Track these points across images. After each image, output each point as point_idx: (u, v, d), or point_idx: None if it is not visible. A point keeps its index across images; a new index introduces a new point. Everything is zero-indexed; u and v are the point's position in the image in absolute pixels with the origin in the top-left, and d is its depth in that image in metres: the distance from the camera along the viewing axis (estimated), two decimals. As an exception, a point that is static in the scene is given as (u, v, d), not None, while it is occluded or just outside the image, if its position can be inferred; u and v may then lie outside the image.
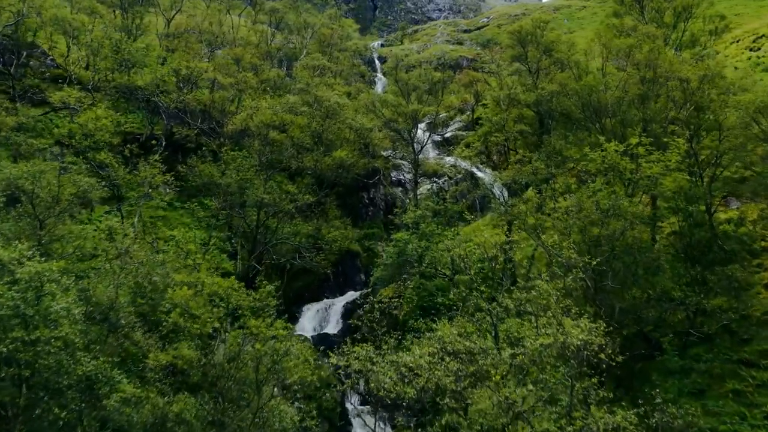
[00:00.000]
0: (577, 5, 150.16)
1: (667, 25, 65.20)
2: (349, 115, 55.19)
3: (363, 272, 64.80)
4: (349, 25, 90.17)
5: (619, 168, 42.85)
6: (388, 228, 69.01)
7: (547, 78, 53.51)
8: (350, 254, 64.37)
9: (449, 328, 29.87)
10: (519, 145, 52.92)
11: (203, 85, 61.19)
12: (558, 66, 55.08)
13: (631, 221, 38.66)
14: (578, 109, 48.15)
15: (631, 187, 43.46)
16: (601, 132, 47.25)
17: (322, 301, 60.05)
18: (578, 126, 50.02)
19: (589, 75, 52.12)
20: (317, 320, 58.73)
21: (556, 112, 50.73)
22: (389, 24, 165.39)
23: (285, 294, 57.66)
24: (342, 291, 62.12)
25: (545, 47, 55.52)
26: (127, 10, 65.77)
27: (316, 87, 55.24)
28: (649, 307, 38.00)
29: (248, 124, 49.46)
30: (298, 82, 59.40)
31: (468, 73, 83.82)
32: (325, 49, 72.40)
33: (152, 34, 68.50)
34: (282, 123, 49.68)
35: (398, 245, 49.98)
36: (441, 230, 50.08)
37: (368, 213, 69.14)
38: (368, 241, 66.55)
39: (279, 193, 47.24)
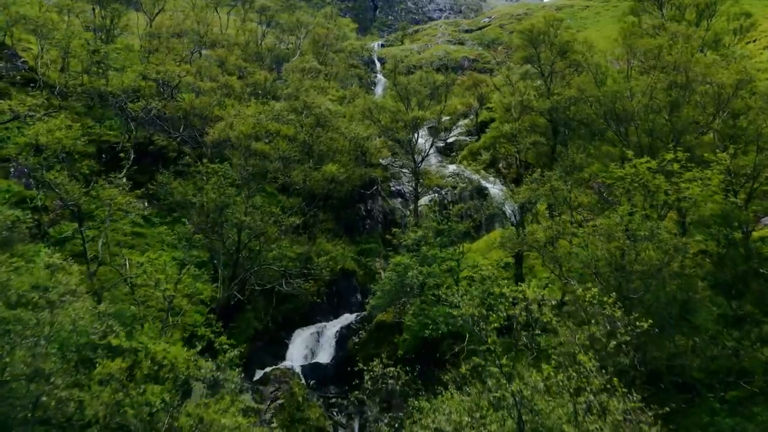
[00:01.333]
0: (579, 5, 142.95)
1: (688, 23, 58.09)
2: (343, 124, 48.11)
3: (359, 292, 57.78)
4: (346, 24, 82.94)
5: (651, 187, 35.82)
6: (386, 242, 62.10)
7: (563, 82, 46.40)
8: (345, 273, 57.31)
9: (457, 401, 22.99)
10: (530, 155, 45.78)
11: (187, 89, 54.09)
12: (574, 68, 47.99)
13: (671, 254, 31.64)
14: (600, 118, 41.09)
15: (664, 210, 36.47)
16: (626, 144, 40.22)
17: (314, 325, 53.08)
18: (599, 136, 42.96)
19: (609, 78, 45.01)
20: (309, 347, 51.82)
21: (574, 121, 43.64)
22: (390, 24, 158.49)
23: (273, 318, 50.83)
24: (336, 313, 55.09)
25: (559, 48, 48.35)
26: (105, 7, 58.60)
27: (306, 92, 48.14)
28: (693, 355, 31.01)
29: (228, 134, 42.43)
30: (287, 86, 52.28)
31: (471, 76, 76.69)
32: (320, 50, 65.34)
33: (133, 33, 61.36)
34: (267, 132, 42.71)
35: (397, 270, 43.04)
36: (444, 253, 43.12)
37: (365, 226, 62.07)
38: (365, 257, 59.53)
39: (262, 216, 40.11)
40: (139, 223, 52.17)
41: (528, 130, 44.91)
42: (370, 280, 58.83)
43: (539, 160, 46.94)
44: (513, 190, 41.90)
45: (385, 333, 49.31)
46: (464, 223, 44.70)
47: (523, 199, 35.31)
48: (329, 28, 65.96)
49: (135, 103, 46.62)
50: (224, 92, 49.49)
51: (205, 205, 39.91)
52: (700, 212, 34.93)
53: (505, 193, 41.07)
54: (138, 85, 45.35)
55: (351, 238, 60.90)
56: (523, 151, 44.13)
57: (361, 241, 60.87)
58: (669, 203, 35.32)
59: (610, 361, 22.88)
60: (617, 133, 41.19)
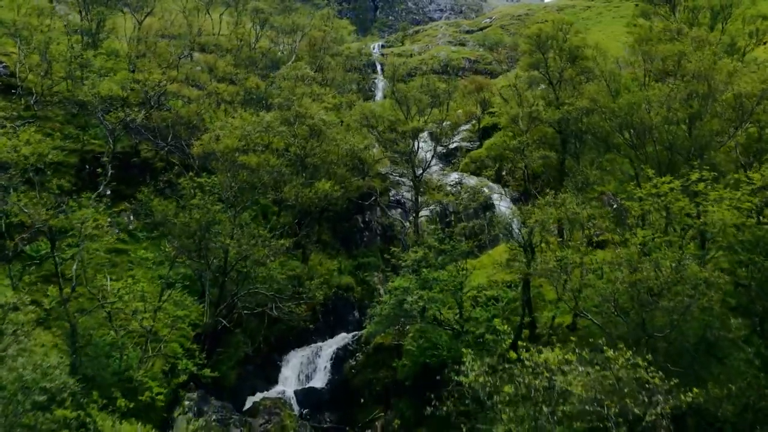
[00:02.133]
0: (581, 5, 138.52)
1: (702, 26, 54.14)
2: (338, 135, 44.11)
3: (357, 309, 53.86)
4: (344, 26, 78.61)
5: (673, 209, 31.96)
6: (385, 256, 58.13)
7: (574, 91, 42.38)
8: (342, 289, 53.37)
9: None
10: (537, 165, 41.78)
11: (175, 96, 50.04)
12: (584, 75, 44.00)
13: (702, 290, 27.76)
14: (615, 131, 37.17)
15: (686, 233, 32.56)
16: (644, 159, 36.33)
17: (309, 345, 49.18)
18: (613, 149, 39.03)
19: (621, 83, 41.07)
20: (303, 370, 47.94)
21: (588, 134, 39.69)
22: (390, 24, 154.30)
23: (265, 338, 46.89)
24: (332, 332, 51.16)
25: (569, 53, 44.33)
26: (89, 11, 54.60)
27: (298, 101, 44.11)
28: (727, 402, 27.14)
29: (213, 148, 38.49)
30: (278, 95, 48.20)
31: (473, 80, 72.69)
32: (316, 53, 61.29)
33: (120, 37, 57.31)
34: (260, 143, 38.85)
35: (396, 294, 39.18)
36: (446, 276, 39.23)
37: (363, 239, 58.12)
38: (363, 272, 55.55)
39: (248, 239, 36.16)
40: (123, 239, 48.37)
41: (536, 143, 40.94)
42: (368, 297, 54.93)
43: (548, 172, 43.04)
44: (522, 209, 37.97)
45: (384, 356, 45.45)
46: (467, 242, 40.81)
47: (535, 223, 31.32)
48: (326, 31, 61.87)
49: (111, 113, 42.52)
50: (213, 100, 45.48)
51: (187, 227, 36.01)
52: (728, 238, 30.98)
53: (513, 212, 37.06)
54: (118, 94, 41.26)
55: (348, 251, 56.97)
56: (530, 165, 40.09)
57: (358, 255, 56.91)
58: (694, 226, 31.45)
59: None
60: (633, 147, 37.25)
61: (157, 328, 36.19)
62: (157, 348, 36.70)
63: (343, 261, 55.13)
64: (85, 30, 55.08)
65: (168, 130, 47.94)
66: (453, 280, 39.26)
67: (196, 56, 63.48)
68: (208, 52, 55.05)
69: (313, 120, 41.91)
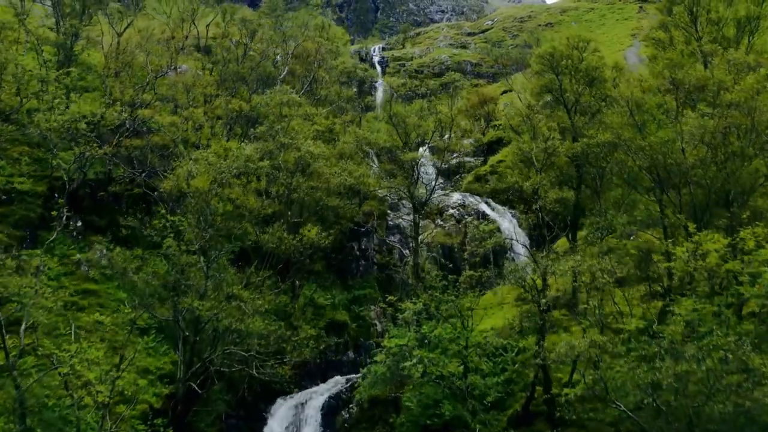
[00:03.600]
0: (584, 7, 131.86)
1: (727, 40, 47.94)
2: (327, 170, 37.98)
3: (352, 348, 48.00)
4: (340, 36, 72.06)
5: (719, 273, 26.05)
6: (383, 286, 52.21)
7: (593, 120, 36.20)
8: (335, 326, 47.44)
9: None
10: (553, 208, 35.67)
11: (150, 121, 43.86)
12: (604, 101, 37.85)
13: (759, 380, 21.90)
14: (643, 171, 31.18)
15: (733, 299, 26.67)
16: (679, 207, 30.34)
17: (298, 392, 43.20)
18: (639, 191, 32.99)
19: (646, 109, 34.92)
20: (291, 422, 42.07)
21: (612, 174, 33.61)
22: (391, 26, 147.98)
23: (250, 386, 40.88)
24: (324, 376, 45.14)
25: (586, 75, 38.19)
26: (61, 24, 48.54)
27: (284, 129, 37.96)
28: None
29: (182, 188, 32.55)
30: (261, 124, 41.99)
31: (477, 92, 66.54)
32: (309, 67, 55.16)
33: (97, 50, 51.18)
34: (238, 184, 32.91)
35: (393, 352, 33.31)
36: (449, 333, 33.38)
37: (359, 268, 52.06)
38: (359, 306, 49.60)
39: (219, 300, 30.26)
40: (93, 278, 42.41)
41: (552, 183, 34.88)
42: (364, 334, 49.06)
43: (564, 209, 37.02)
44: (535, 257, 31.96)
45: (380, 411, 39.65)
46: (471, 293, 34.90)
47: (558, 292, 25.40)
48: (320, 43, 55.70)
49: (70, 149, 36.53)
50: (190, 126, 39.39)
51: (148, 284, 30.18)
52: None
53: (529, 263, 31.04)
54: (81, 128, 35.14)
55: (343, 281, 51.00)
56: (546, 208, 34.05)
57: (354, 286, 50.93)
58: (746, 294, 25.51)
59: None
60: (662, 188, 31.24)
61: (116, 401, 30.33)
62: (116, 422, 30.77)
63: (338, 294, 49.17)
64: (60, 44, 49.06)
65: (146, 155, 42.03)
66: (457, 338, 33.48)
67: (183, 68, 57.45)
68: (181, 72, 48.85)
69: (299, 152, 35.89)
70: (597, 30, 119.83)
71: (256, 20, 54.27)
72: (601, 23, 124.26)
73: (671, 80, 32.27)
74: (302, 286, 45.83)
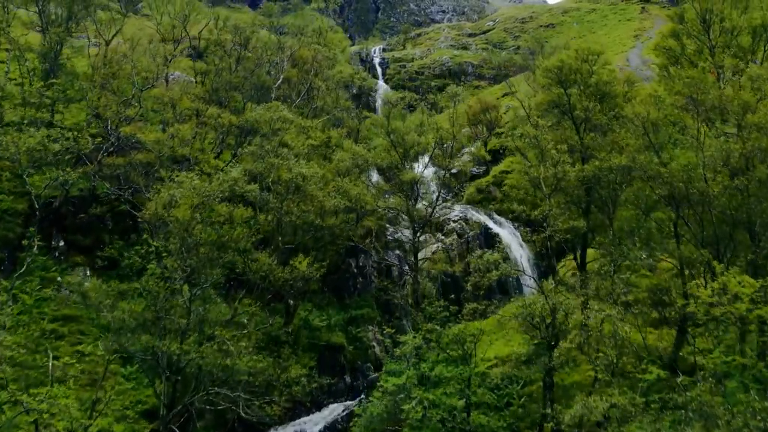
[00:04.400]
0: (586, 8, 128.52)
1: (743, 50, 44.85)
2: (319, 193, 34.89)
3: (349, 372, 45.01)
4: (337, 42, 68.49)
5: (749, 318, 23.11)
6: (381, 305, 49.19)
7: (605, 139, 33.14)
8: (331, 349, 44.47)
9: None
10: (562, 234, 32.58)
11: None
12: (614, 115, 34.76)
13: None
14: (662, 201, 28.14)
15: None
16: (701, 241, 27.32)
17: (291, 422, 40.22)
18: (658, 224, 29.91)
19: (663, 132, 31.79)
20: (285, 457, 39.20)
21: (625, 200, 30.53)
22: (392, 26, 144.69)
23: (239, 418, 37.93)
24: (319, 403, 42.31)
25: (596, 90, 35.13)
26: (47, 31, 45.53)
27: (275, 150, 34.85)
28: None
29: (163, 216, 29.53)
30: (256, 133, 38.80)
31: (480, 99, 63.35)
32: (305, 75, 52.03)
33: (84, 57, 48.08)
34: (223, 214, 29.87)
35: (390, 392, 30.37)
36: (451, 371, 30.42)
37: (356, 286, 48.97)
38: (356, 327, 46.54)
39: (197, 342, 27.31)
40: (75, 303, 39.39)
41: (562, 209, 31.83)
42: (361, 356, 46.01)
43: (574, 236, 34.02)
44: (543, 289, 28.97)
45: (379, 446, 36.81)
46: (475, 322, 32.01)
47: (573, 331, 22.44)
48: (316, 50, 52.52)
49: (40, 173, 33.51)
50: (175, 143, 36.33)
51: (124, 324, 27.28)
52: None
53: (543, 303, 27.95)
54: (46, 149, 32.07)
55: (340, 300, 47.89)
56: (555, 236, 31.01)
57: (351, 305, 47.83)
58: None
59: None
60: (685, 220, 28.23)
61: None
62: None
63: (334, 314, 46.10)
64: (43, 53, 46.07)
65: (127, 174, 39.08)
66: (460, 376, 30.55)
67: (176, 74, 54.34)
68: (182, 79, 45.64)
69: (290, 174, 32.87)
70: (599, 31, 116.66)
71: (249, 27, 51.02)
72: (603, 24, 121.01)
73: (690, 99, 29.16)
74: (297, 305, 42.80)
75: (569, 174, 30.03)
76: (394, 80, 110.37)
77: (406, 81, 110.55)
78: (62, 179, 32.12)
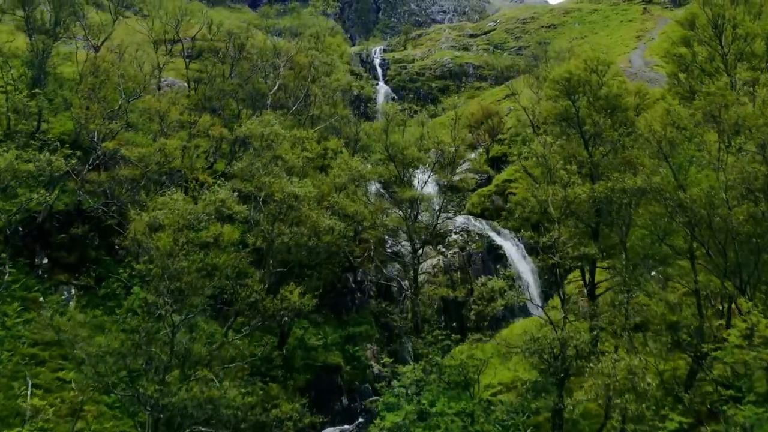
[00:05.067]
0: (587, 8, 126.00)
1: (757, 57, 42.32)
2: (313, 213, 32.31)
3: (345, 393, 42.51)
4: (335, 47, 65.60)
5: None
6: (380, 322, 46.70)
7: (616, 157, 30.63)
8: (328, 369, 42.03)
9: None
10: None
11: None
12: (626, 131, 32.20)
13: None
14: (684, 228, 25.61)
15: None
16: (725, 273, 24.82)
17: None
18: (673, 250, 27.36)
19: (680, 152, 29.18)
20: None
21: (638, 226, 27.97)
22: (392, 26, 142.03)
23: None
24: (315, 427, 39.84)
25: (606, 102, 32.59)
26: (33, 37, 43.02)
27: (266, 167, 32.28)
28: None
29: (143, 242, 27.06)
30: (244, 152, 36.28)
31: (481, 106, 60.79)
32: (302, 82, 49.43)
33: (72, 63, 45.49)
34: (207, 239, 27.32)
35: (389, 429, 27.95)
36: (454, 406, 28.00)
37: (354, 301, 46.52)
38: (353, 345, 44.10)
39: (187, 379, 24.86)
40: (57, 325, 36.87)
41: (572, 233, 29.30)
42: (359, 377, 43.52)
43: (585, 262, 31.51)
44: (552, 322, 26.51)
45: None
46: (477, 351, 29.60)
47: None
48: (313, 56, 49.89)
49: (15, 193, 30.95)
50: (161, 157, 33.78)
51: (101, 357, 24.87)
52: None
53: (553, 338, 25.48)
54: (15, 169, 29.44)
55: (337, 316, 45.43)
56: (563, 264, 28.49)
57: (348, 322, 45.36)
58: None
59: None
60: (703, 245, 25.72)
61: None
62: None
63: (330, 333, 43.67)
64: (28, 61, 43.59)
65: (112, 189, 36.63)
66: (462, 411, 28.12)
67: (168, 80, 51.82)
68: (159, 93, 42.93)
69: (282, 194, 30.36)
70: (601, 32, 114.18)
71: (243, 33, 48.42)
72: (605, 25, 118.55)
73: (711, 116, 26.65)
74: (292, 325, 40.31)
75: (581, 197, 27.45)
76: (394, 81, 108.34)
77: (406, 82, 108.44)
78: (37, 200, 29.41)
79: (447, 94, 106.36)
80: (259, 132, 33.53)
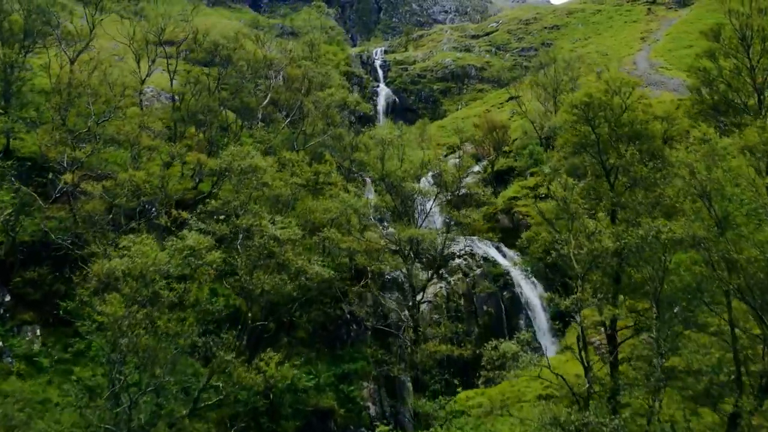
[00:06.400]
0: (591, 9, 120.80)
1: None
2: (299, 261, 27.54)
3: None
4: (332, 55, 60.37)
5: None
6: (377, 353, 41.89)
7: (647, 198, 25.71)
8: (319, 414, 37.37)
9: None
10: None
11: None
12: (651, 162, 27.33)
13: None
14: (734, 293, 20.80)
15: None
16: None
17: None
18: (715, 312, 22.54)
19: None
20: None
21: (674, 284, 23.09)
22: (394, 26, 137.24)
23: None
24: (306, 476, 35.23)
25: (630, 128, 27.76)
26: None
27: (243, 208, 27.44)
28: None
29: (93, 305, 22.36)
30: (218, 193, 31.26)
31: (486, 118, 55.86)
32: (295, 95, 44.47)
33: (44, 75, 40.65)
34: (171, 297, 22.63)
35: None
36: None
37: (350, 334, 41.69)
38: (348, 385, 39.37)
39: None
40: (18, 373, 32.19)
41: (596, 289, 24.47)
42: (354, 420, 38.82)
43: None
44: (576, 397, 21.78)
45: None
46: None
47: None
48: (306, 67, 44.96)
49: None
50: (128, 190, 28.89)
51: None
52: None
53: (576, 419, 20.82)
54: None
55: (331, 350, 40.70)
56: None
57: (343, 357, 40.55)
58: None
59: None
60: (756, 309, 20.95)
61: None
62: None
63: (324, 370, 38.87)
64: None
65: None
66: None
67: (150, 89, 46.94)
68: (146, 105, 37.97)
69: (263, 238, 25.64)
70: (605, 33, 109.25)
71: (231, 44, 43.40)
72: (609, 26, 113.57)
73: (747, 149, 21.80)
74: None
75: (609, 248, 22.62)
76: (395, 83, 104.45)
77: (407, 84, 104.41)
78: None
79: (448, 96, 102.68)
80: (236, 166, 28.76)
